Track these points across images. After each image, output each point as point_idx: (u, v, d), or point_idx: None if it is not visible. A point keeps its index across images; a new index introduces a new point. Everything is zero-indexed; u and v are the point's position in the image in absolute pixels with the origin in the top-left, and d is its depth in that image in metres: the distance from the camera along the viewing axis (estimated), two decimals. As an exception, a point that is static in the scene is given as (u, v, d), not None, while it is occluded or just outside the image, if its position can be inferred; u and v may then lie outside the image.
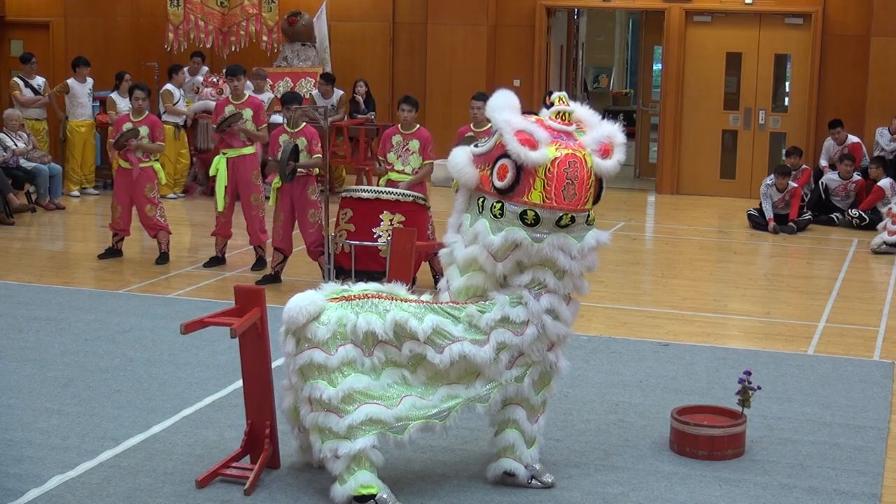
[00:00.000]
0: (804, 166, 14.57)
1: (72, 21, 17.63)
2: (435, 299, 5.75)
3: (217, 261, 11.08)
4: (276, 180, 10.15)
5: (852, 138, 14.70)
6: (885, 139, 14.54)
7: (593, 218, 5.60)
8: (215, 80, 15.61)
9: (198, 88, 15.78)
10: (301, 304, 5.45)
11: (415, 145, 10.02)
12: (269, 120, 12.23)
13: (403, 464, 5.96)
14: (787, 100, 16.09)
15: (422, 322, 5.45)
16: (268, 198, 10.59)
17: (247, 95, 11.13)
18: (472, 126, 10.13)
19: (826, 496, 5.74)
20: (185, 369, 7.60)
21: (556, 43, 17.21)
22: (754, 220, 13.74)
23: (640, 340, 8.61)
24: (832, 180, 14.14)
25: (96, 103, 15.61)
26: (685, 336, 8.80)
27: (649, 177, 17.40)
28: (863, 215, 13.60)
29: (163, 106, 15.34)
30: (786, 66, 15.93)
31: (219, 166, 10.81)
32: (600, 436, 6.50)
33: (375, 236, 9.46)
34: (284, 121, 10.34)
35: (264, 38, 16.37)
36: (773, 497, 5.72)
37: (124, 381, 7.33)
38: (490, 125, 5.66)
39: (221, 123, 10.71)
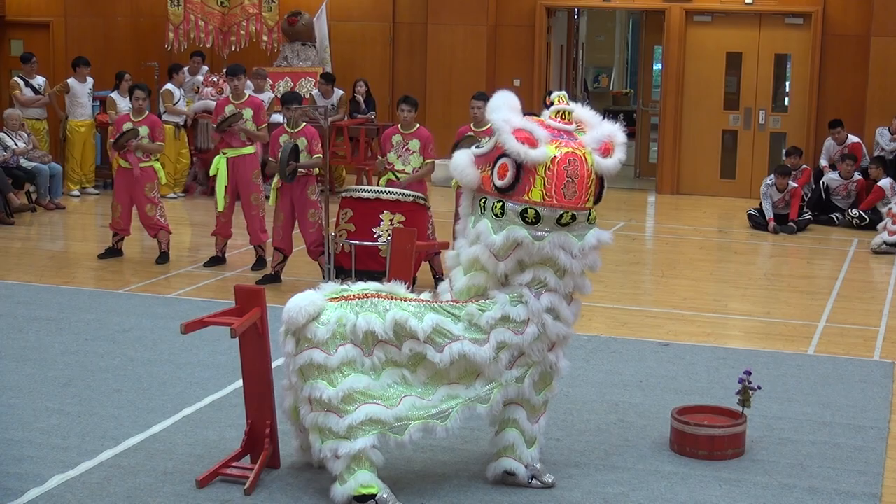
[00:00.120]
0: (804, 166, 14.56)
1: (72, 21, 17.64)
2: (435, 299, 5.75)
3: (217, 260, 11.08)
4: (276, 180, 10.14)
5: (852, 138, 14.70)
6: (885, 139, 14.54)
7: (595, 217, 5.60)
8: (215, 80, 15.60)
9: (198, 88, 15.78)
10: (300, 304, 5.44)
11: (415, 145, 10.03)
12: (270, 119, 12.23)
13: (403, 464, 5.96)
14: (787, 100, 16.09)
15: (422, 321, 5.45)
16: (268, 197, 10.58)
17: (247, 95, 11.13)
18: (472, 126, 10.13)
19: (826, 496, 5.73)
20: (186, 369, 7.60)
21: (556, 43, 17.21)
22: (754, 220, 13.74)
23: (640, 340, 8.60)
24: (833, 180, 14.14)
25: (96, 103, 15.61)
26: (685, 336, 8.79)
27: (649, 177, 17.40)
28: (863, 215, 13.59)
29: (163, 106, 15.33)
30: (786, 66, 15.92)
31: (219, 166, 10.81)
32: (600, 435, 6.50)
33: (376, 236, 9.46)
34: (285, 121, 10.33)
35: (264, 37, 16.37)
36: (774, 497, 5.72)
37: (124, 381, 7.33)
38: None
39: (221, 123, 10.71)
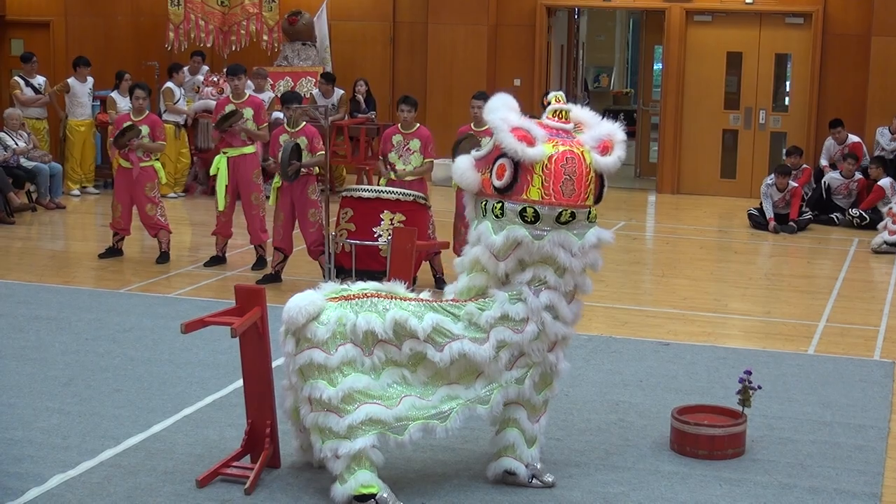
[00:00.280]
0: (804, 166, 14.56)
1: (72, 20, 17.64)
2: (435, 298, 5.75)
3: (217, 260, 11.08)
4: (277, 179, 10.15)
5: (853, 138, 14.70)
6: (885, 139, 14.54)
7: (595, 215, 5.60)
8: (216, 80, 15.60)
9: (198, 88, 15.78)
10: (300, 304, 5.44)
11: (415, 144, 10.03)
12: (271, 119, 12.23)
13: (403, 463, 5.96)
14: (787, 99, 16.09)
15: (421, 320, 5.45)
16: (268, 197, 10.59)
17: (247, 95, 11.14)
18: (472, 125, 10.13)
19: (826, 495, 5.73)
20: (186, 368, 7.60)
21: (556, 42, 17.21)
22: (755, 220, 13.74)
23: (640, 340, 8.60)
24: (834, 179, 14.14)
25: (96, 102, 15.61)
26: (685, 335, 8.79)
27: (650, 176, 17.40)
28: (863, 215, 13.60)
29: (163, 105, 15.34)
30: (786, 66, 15.92)
31: (219, 165, 10.81)
32: (601, 435, 6.50)
33: (376, 235, 9.46)
34: (285, 120, 10.33)
35: (265, 37, 16.37)
36: (774, 496, 5.72)
37: (125, 381, 7.33)
38: (491, 124, 5.67)
39: (221, 122, 10.71)
